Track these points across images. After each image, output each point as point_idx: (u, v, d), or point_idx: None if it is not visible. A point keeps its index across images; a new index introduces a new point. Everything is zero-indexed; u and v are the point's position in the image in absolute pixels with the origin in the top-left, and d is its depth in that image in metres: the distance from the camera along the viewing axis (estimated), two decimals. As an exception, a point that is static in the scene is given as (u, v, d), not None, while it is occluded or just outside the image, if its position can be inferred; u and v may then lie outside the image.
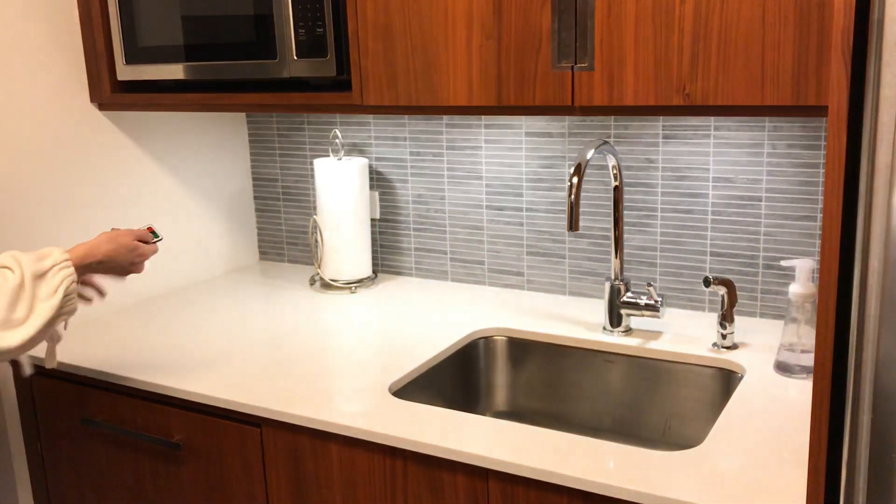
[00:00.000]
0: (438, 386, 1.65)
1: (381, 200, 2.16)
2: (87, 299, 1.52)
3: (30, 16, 1.76)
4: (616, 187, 1.67)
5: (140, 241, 1.50)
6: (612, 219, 1.71)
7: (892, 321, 0.87)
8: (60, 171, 1.83)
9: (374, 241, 2.20)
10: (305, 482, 1.46)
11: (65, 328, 1.45)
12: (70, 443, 1.75)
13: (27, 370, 1.50)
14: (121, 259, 1.46)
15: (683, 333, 1.70)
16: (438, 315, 1.87)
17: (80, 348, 1.75)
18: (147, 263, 2.02)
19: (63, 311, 1.35)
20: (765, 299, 1.75)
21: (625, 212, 1.85)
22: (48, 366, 1.48)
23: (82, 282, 1.46)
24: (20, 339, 1.28)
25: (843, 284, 0.94)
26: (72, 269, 1.36)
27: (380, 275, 2.20)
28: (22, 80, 1.75)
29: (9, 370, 1.78)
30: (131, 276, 2.00)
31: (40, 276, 1.32)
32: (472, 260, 2.07)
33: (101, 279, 1.52)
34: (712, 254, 1.78)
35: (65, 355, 1.71)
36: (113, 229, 1.51)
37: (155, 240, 1.54)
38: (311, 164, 2.24)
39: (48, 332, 1.33)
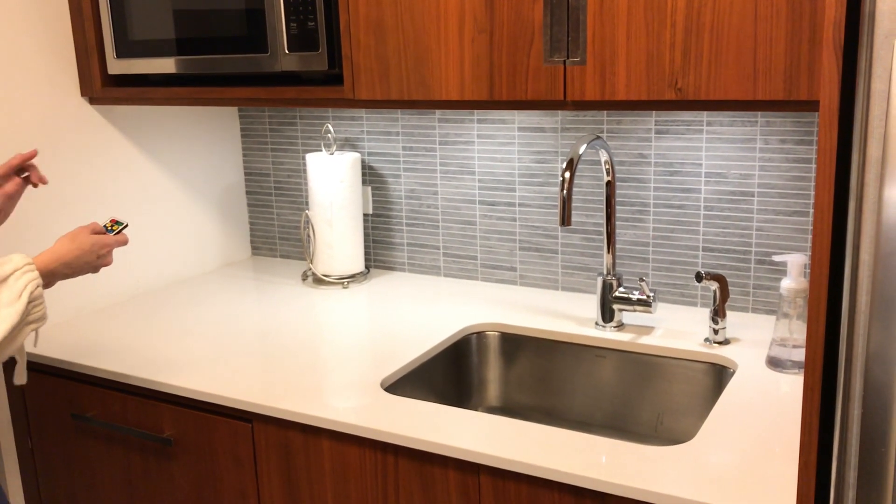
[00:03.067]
0: (430, 381, 1.65)
1: (373, 195, 2.15)
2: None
3: (19, 9, 1.75)
4: (608, 182, 1.67)
5: (97, 233, 1.44)
6: (604, 214, 1.71)
7: (883, 316, 0.87)
8: (50, 165, 1.82)
9: (366, 236, 2.19)
10: (297, 477, 1.46)
11: (35, 344, 1.42)
12: (60, 438, 1.74)
13: (19, 379, 1.45)
14: (85, 258, 1.40)
15: (675, 328, 1.70)
16: (431, 310, 1.87)
17: (71, 343, 1.74)
18: (139, 257, 2.02)
19: (30, 319, 1.29)
20: (757, 294, 1.75)
21: (617, 207, 1.85)
22: (17, 382, 1.44)
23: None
24: None
25: (834, 279, 0.94)
26: (36, 274, 1.30)
27: (372, 270, 2.19)
28: (11, 74, 1.74)
29: (-1, 365, 1.78)
30: (121, 271, 2.00)
31: (1, 281, 1.26)
32: (464, 255, 2.07)
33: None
34: (704, 249, 1.78)
35: (55, 350, 1.70)
36: (87, 225, 1.45)
37: (120, 228, 1.48)
38: (304, 158, 2.23)
39: (16, 340, 1.28)
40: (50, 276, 1.36)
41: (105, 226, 1.48)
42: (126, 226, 1.50)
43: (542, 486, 1.23)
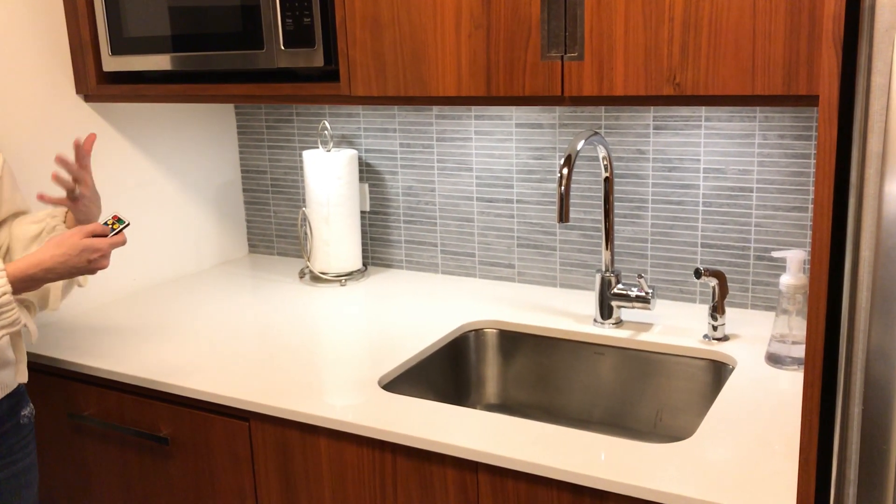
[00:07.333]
0: (428, 379, 1.64)
1: (370, 192, 2.14)
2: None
3: (14, 7, 1.73)
4: (607, 178, 1.66)
5: (95, 235, 1.38)
6: (602, 210, 1.70)
7: (883, 312, 0.86)
8: (46, 164, 1.81)
9: (363, 233, 2.18)
10: (294, 476, 1.45)
11: (32, 340, 1.41)
12: (57, 438, 1.73)
13: (20, 377, 1.47)
14: (73, 262, 1.35)
15: (674, 325, 1.69)
16: (429, 308, 1.86)
17: (67, 342, 1.73)
18: (135, 255, 2.01)
19: None
20: (756, 290, 1.74)
21: (615, 203, 1.84)
22: (18, 381, 1.45)
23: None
24: None
25: (834, 275, 0.93)
26: (4, 281, 1.28)
27: (370, 267, 2.19)
28: (6, 71, 1.73)
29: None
30: (117, 269, 1.99)
31: None
32: (462, 252, 2.06)
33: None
34: (703, 245, 1.77)
35: (51, 349, 1.69)
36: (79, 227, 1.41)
37: (120, 227, 1.41)
38: (300, 155, 2.22)
39: None
40: (29, 281, 1.33)
41: (106, 222, 1.42)
42: (127, 224, 1.43)
43: (540, 483, 1.23)
